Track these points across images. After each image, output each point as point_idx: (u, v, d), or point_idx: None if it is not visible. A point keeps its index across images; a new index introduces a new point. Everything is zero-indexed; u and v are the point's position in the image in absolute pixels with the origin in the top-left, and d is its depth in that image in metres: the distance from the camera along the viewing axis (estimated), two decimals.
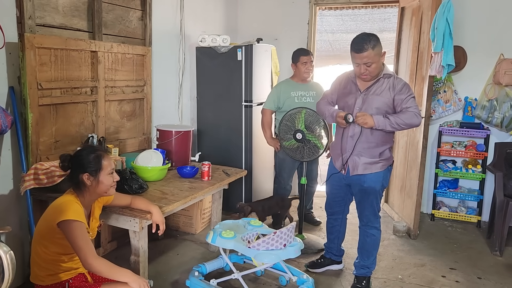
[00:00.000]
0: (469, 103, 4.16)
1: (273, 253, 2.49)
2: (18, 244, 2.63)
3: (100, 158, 2.06)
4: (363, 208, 2.84)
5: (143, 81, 3.57)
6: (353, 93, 2.73)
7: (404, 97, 2.61)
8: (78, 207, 1.98)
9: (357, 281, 2.90)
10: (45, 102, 2.71)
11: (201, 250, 3.45)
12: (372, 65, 2.56)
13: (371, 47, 2.53)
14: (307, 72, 3.70)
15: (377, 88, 2.66)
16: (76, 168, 2.04)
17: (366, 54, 2.53)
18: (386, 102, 2.64)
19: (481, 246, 3.69)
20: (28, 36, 2.53)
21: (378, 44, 2.57)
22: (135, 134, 3.57)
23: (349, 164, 2.76)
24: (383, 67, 2.67)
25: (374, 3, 4.65)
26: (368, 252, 2.87)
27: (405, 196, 4.05)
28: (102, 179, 2.06)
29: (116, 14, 3.31)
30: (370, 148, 2.70)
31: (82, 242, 1.88)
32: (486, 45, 4.06)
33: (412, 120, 2.59)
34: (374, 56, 2.55)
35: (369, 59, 2.54)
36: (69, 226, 1.88)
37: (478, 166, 4.12)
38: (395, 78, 2.68)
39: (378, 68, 2.61)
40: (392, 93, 2.63)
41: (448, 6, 3.34)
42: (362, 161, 2.71)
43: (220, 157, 4.01)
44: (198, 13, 4.35)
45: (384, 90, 2.64)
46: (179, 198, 2.66)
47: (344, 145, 2.77)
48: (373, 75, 2.62)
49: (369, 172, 2.72)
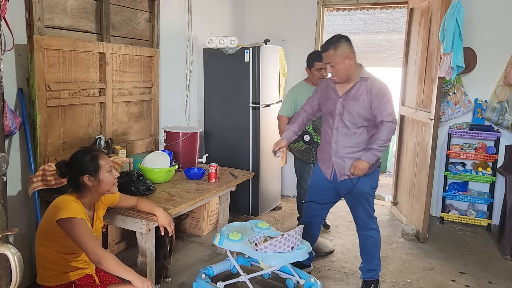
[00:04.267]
0: (479, 105, 4.12)
1: (280, 256, 2.46)
2: (26, 245, 2.64)
3: (96, 158, 2.06)
4: (356, 211, 2.82)
5: (150, 82, 3.57)
6: (333, 98, 2.71)
7: (379, 103, 2.56)
8: (77, 205, 1.97)
9: (366, 285, 2.88)
10: (53, 104, 2.72)
11: (208, 252, 3.45)
12: (336, 66, 2.56)
13: (332, 48, 2.54)
14: (322, 78, 3.44)
15: (355, 92, 2.63)
16: (75, 172, 2.04)
17: (326, 55, 2.58)
18: (365, 107, 2.60)
19: (492, 250, 3.64)
20: (37, 38, 2.54)
21: (342, 46, 2.55)
22: (142, 136, 3.57)
23: (335, 169, 2.73)
24: (360, 69, 2.65)
25: (383, 4, 4.62)
26: (371, 255, 2.85)
27: (414, 199, 4.01)
28: (103, 178, 2.06)
29: (124, 16, 3.32)
30: (354, 152, 2.67)
31: (85, 238, 1.87)
32: (496, 46, 4.01)
33: (390, 134, 2.58)
34: (336, 57, 2.55)
35: (331, 59, 2.56)
36: (69, 224, 1.88)
37: (488, 169, 4.07)
38: (372, 81, 2.62)
39: (345, 70, 2.59)
40: (369, 97, 2.59)
41: (458, 7, 3.31)
42: (348, 164, 2.67)
43: (228, 159, 4.00)
44: (205, 15, 4.35)
45: (362, 94, 2.60)
46: (186, 200, 2.65)
47: (327, 148, 2.76)
48: (340, 76, 2.61)
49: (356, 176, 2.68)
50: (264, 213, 4.34)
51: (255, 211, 4.22)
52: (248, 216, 4.22)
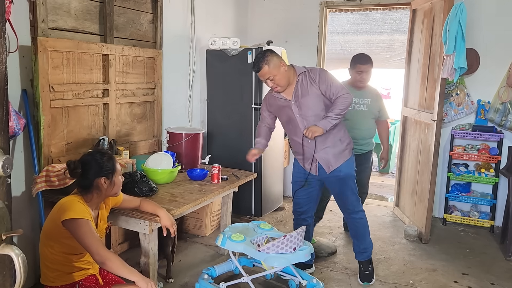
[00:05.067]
0: (482, 106, 4.11)
1: (282, 256, 2.47)
2: (30, 246, 2.66)
3: (113, 161, 2.10)
4: (346, 197, 2.90)
5: (153, 83, 3.59)
6: (286, 105, 2.78)
7: (327, 85, 2.68)
8: (82, 206, 1.99)
9: (363, 266, 3.00)
10: (57, 105, 2.73)
11: (210, 252, 3.45)
12: (275, 77, 2.66)
13: (265, 64, 2.63)
14: (361, 81, 3.44)
15: (301, 89, 2.73)
16: (92, 173, 2.04)
17: (262, 73, 2.66)
18: (318, 95, 2.71)
19: (494, 251, 3.64)
20: (41, 39, 2.56)
21: (272, 59, 2.66)
22: (145, 137, 3.58)
23: (320, 162, 2.80)
24: (293, 68, 2.76)
25: (385, 5, 4.62)
26: (363, 235, 2.98)
27: (417, 200, 4.00)
28: (116, 181, 2.10)
29: (128, 18, 3.33)
30: (332, 139, 2.78)
31: (90, 238, 1.88)
32: (499, 47, 4.01)
33: (345, 102, 2.66)
34: (272, 69, 2.64)
35: (269, 74, 2.64)
36: (74, 225, 1.89)
37: (491, 170, 4.06)
38: (310, 71, 2.75)
39: (285, 77, 2.69)
40: (315, 85, 2.70)
41: (460, 8, 3.30)
42: (332, 153, 2.78)
43: (230, 160, 4.00)
44: (208, 16, 4.36)
45: (309, 87, 2.71)
46: (189, 201, 2.67)
47: (305, 148, 2.81)
48: (282, 84, 2.70)
49: (342, 162, 2.80)
50: (267, 214, 4.35)
51: (257, 212, 4.22)
52: (250, 217, 4.23)
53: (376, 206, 4.72)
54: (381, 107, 3.59)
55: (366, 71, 3.41)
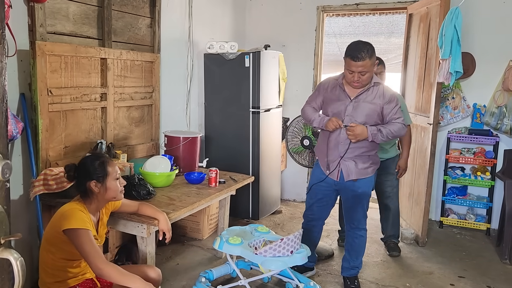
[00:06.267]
0: (477, 110, 4.14)
1: (280, 260, 2.48)
2: (27, 249, 2.66)
3: (105, 164, 2.08)
4: (355, 212, 2.88)
5: (151, 87, 3.60)
6: (343, 100, 2.74)
7: (393, 106, 2.69)
8: (83, 214, 1.99)
9: (350, 281, 2.97)
10: (55, 109, 2.74)
11: (208, 256, 3.46)
12: (366, 74, 2.60)
13: (368, 57, 2.56)
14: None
15: (368, 96, 2.70)
16: (83, 177, 2.05)
17: (363, 63, 2.56)
18: (376, 110, 2.69)
19: (491, 254, 3.65)
20: (39, 43, 2.57)
21: (374, 54, 2.62)
22: (143, 140, 3.59)
23: (342, 169, 2.77)
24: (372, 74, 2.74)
25: (382, 10, 4.65)
26: (357, 253, 2.96)
27: (413, 203, 4.02)
28: (109, 185, 2.08)
29: (126, 22, 3.35)
30: (362, 153, 2.75)
31: (89, 249, 1.89)
32: (495, 51, 4.04)
33: (401, 132, 2.70)
34: (370, 65, 2.59)
35: (365, 68, 2.57)
36: (75, 235, 1.90)
37: (487, 173, 4.09)
38: (384, 87, 2.75)
39: (370, 77, 2.66)
40: (382, 101, 2.68)
41: (456, 13, 3.33)
42: (357, 166, 2.75)
43: (228, 163, 4.02)
44: (206, 20, 4.39)
45: (375, 98, 2.69)
46: (186, 204, 2.67)
47: (334, 151, 2.77)
48: (364, 83, 2.67)
49: (363, 177, 2.77)
50: (264, 217, 4.36)
51: (255, 215, 4.24)
52: (248, 220, 4.24)
53: (373, 209, 4.73)
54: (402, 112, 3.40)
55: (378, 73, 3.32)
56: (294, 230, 3.91)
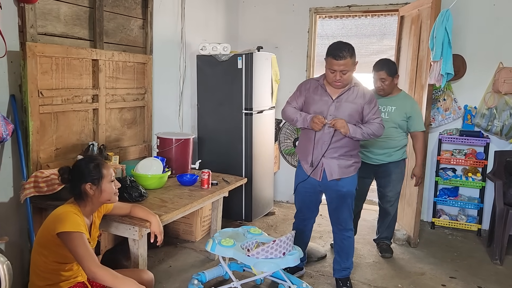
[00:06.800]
0: (468, 111, 4.17)
1: (272, 261, 2.48)
2: (18, 252, 2.63)
3: (100, 167, 2.08)
4: (341, 212, 2.89)
5: (144, 89, 3.59)
6: (325, 100, 2.78)
7: (372, 107, 2.76)
8: (77, 217, 1.97)
9: (342, 283, 2.98)
10: (46, 110, 2.72)
11: (200, 258, 3.45)
12: (348, 73, 2.66)
13: (349, 56, 2.62)
14: (380, 90, 3.34)
15: (349, 96, 2.76)
16: (78, 179, 2.04)
17: (344, 62, 2.61)
18: (357, 109, 2.75)
19: (482, 254, 3.68)
20: (29, 44, 2.55)
21: (354, 54, 2.68)
22: (135, 142, 3.58)
23: (325, 168, 2.80)
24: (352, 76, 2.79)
25: (374, 12, 4.68)
26: (347, 254, 2.97)
27: (405, 204, 4.04)
28: (105, 188, 2.07)
29: (117, 23, 3.34)
30: (345, 152, 2.79)
31: (83, 252, 1.87)
32: (485, 53, 4.08)
33: (379, 131, 2.76)
34: (351, 64, 2.65)
35: (346, 67, 2.63)
36: (69, 237, 1.89)
37: (478, 174, 4.12)
38: (364, 87, 2.81)
39: (351, 76, 2.72)
40: (363, 101, 2.75)
41: (446, 15, 3.36)
42: (338, 165, 2.78)
43: (221, 165, 4.01)
44: (199, 22, 4.38)
45: (356, 98, 2.75)
46: (179, 206, 2.66)
47: (315, 149, 2.80)
48: (346, 83, 2.72)
49: (346, 176, 2.81)
50: (257, 219, 4.36)
51: (248, 216, 4.23)
52: (241, 221, 4.23)
53: (365, 210, 4.75)
54: (412, 117, 3.32)
55: (379, 78, 3.31)
56: (287, 231, 3.91)
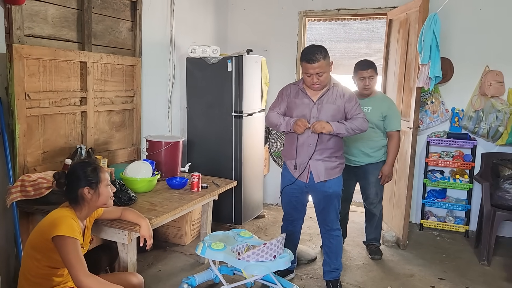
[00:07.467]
0: (456, 114, 4.22)
1: (262, 264, 2.48)
2: (4, 257, 2.59)
3: (97, 171, 2.07)
4: (327, 213, 2.92)
5: (132, 91, 3.56)
6: (306, 104, 2.82)
7: (353, 104, 2.81)
8: (74, 222, 1.95)
9: (333, 285, 3.00)
10: (33, 113, 2.68)
11: (190, 261, 3.43)
12: (324, 74, 2.70)
13: (322, 58, 2.66)
14: (366, 89, 3.36)
15: (329, 97, 2.80)
16: (75, 183, 2.02)
17: (318, 65, 2.66)
18: (339, 109, 2.80)
19: (469, 255, 3.72)
20: (16, 46, 2.52)
21: (327, 55, 2.72)
22: (124, 145, 3.55)
23: (311, 171, 2.82)
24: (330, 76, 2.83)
25: (363, 15, 4.71)
26: (336, 254, 3.00)
27: (394, 206, 4.07)
28: (102, 191, 2.07)
29: (106, 25, 3.31)
30: (330, 154, 2.83)
31: (74, 259, 1.85)
32: (472, 57, 4.13)
33: (363, 125, 2.79)
34: (326, 66, 2.70)
35: (321, 69, 2.68)
36: (63, 242, 1.86)
37: (465, 176, 4.17)
38: (342, 87, 2.85)
39: (328, 77, 2.76)
40: (342, 100, 2.79)
41: (434, 19, 3.40)
42: (324, 166, 2.81)
43: (210, 168, 4.00)
44: (188, 24, 4.37)
45: (336, 98, 2.80)
46: (168, 209, 2.65)
47: (301, 152, 2.83)
48: (323, 84, 2.76)
49: (332, 178, 2.84)
50: (247, 222, 4.35)
51: (238, 219, 4.22)
52: (231, 224, 4.22)
53: (355, 212, 4.77)
54: (388, 116, 3.36)
55: (368, 76, 3.33)
56: (277, 234, 3.91)
